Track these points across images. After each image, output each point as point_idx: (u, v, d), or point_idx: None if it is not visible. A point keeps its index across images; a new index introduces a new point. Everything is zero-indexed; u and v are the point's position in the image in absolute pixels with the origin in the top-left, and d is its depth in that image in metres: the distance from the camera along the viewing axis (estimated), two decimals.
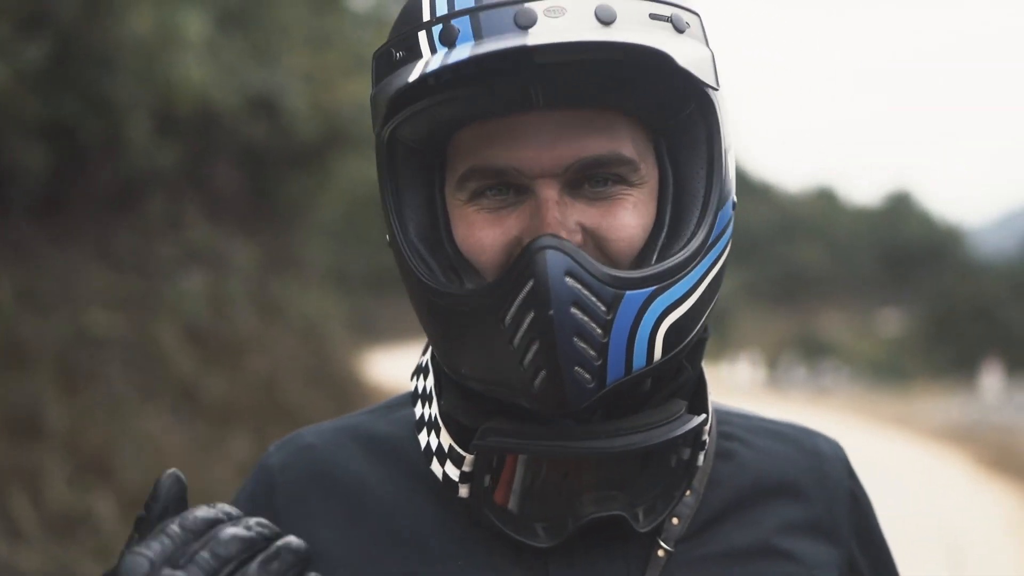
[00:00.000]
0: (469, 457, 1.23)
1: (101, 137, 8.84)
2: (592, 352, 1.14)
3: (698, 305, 1.22)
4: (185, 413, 8.29)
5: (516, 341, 1.14)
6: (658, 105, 1.22)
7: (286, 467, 1.36)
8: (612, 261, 1.20)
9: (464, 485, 1.24)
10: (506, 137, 1.19)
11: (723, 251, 1.25)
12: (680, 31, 1.19)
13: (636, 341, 1.16)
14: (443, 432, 1.27)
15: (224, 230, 10.56)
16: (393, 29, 1.25)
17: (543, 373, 1.13)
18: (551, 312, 1.11)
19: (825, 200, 77.94)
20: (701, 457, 1.28)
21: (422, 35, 1.18)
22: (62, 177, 8.78)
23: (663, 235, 1.22)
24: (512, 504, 1.24)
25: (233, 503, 1.34)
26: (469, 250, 1.22)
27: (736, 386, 34.56)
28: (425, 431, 1.30)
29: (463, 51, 1.13)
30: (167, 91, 9.24)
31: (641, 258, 1.21)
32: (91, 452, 7.11)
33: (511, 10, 1.15)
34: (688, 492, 1.31)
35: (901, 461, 17.39)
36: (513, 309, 1.14)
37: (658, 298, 1.17)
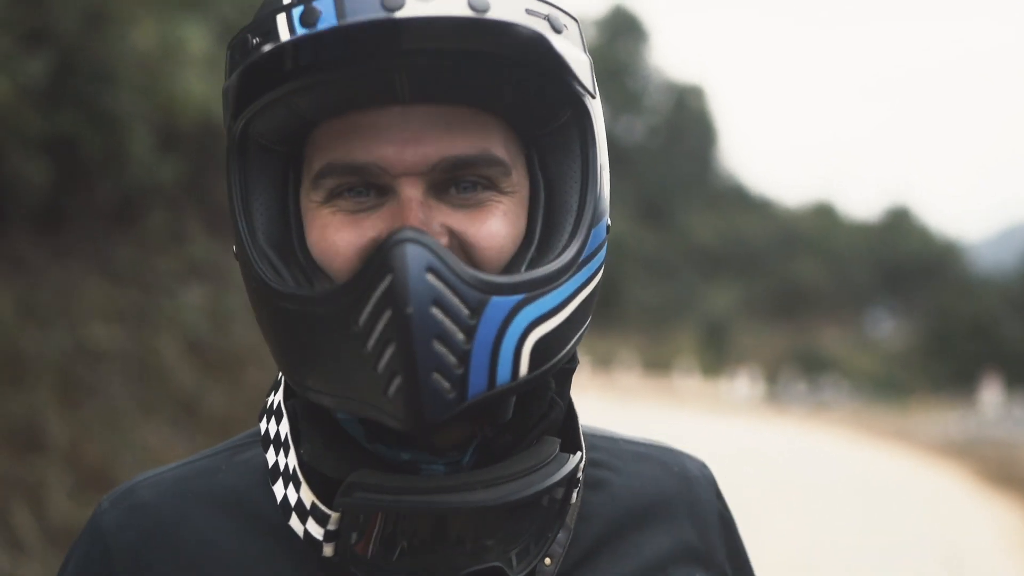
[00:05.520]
0: (334, 516, 1.13)
1: (102, 151, 8.86)
2: (453, 358, 1.03)
3: (568, 324, 1.12)
4: (185, 426, 8.29)
5: (370, 344, 1.03)
6: (532, 109, 1.14)
7: (121, 530, 1.22)
8: (478, 269, 1.10)
9: (329, 544, 1.14)
10: (367, 131, 1.10)
11: (596, 272, 1.16)
12: (557, 31, 1.12)
13: (501, 352, 1.06)
14: (304, 487, 1.16)
15: (224, 244, 10.55)
16: (253, 17, 1.15)
17: (398, 379, 1.02)
18: (410, 310, 1.01)
19: (824, 215, 77.92)
20: (575, 495, 1.21)
21: (281, 17, 1.08)
22: (63, 191, 8.80)
23: (533, 248, 1.14)
24: (375, 555, 1.13)
25: (65, 565, 1.26)
26: (322, 254, 1.12)
27: (735, 401, 34.53)
28: (281, 483, 1.19)
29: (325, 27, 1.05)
30: (168, 105, 9.27)
31: (509, 270, 1.12)
32: (92, 465, 7.12)
33: None
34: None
35: (900, 476, 17.38)
36: (368, 308, 1.03)
37: (526, 307, 1.07)
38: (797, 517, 12.54)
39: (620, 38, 76.72)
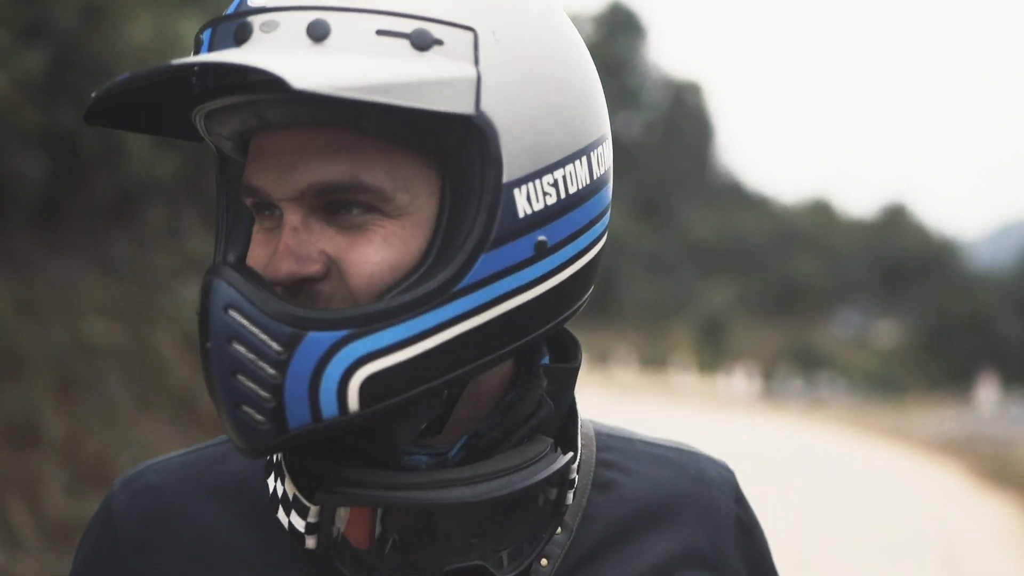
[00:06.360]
0: (314, 508, 1.14)
1: (100, 147, 8.85)
2: (263, 392, 1.04)
3: (430, 358, 1.07)
4: (182, 422, 8.29)
5: (208, 369, 1.09)
6: (411, 130, 1.08)
7: (128, 513, 1.27)
8: (353, 296, 1.09)
9: (311, 536, 1.15)
10: (258, 156, 1.12)
11: (495, 301, 1.10)
12: (422, 48, 1.06)
13: (322, 387, 1.05)
14: (287, 480, 1.18)
15: None
16: None
17: (220, 408, 1.07)
18: (208, 345, 1.05)
19: (821, 213, 78.02)
20: (570, 496, 1.20)
21: (195, 40, 1.13)
22: (60, 186, 8.80)
23: (417, 274, 1.09)
24: (372, 551, 1.15)
25: (83, 549, 1.31)
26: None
27: (732, 398, 34.57)
28: (273, 475, 1.22)
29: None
30: None
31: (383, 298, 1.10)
32: (89, 461, 7.12)
33: (237, 23, 1.08)
34: (559, 529, 1.22)
35: (896, 473, 17.40)
36: (200, 338, 1.08)
37: (353, 343, 1.05)
38: (793, 514, 12.55)
39: (618, 34, 76.74)
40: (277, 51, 1.05)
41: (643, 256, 62.90)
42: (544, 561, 1.21)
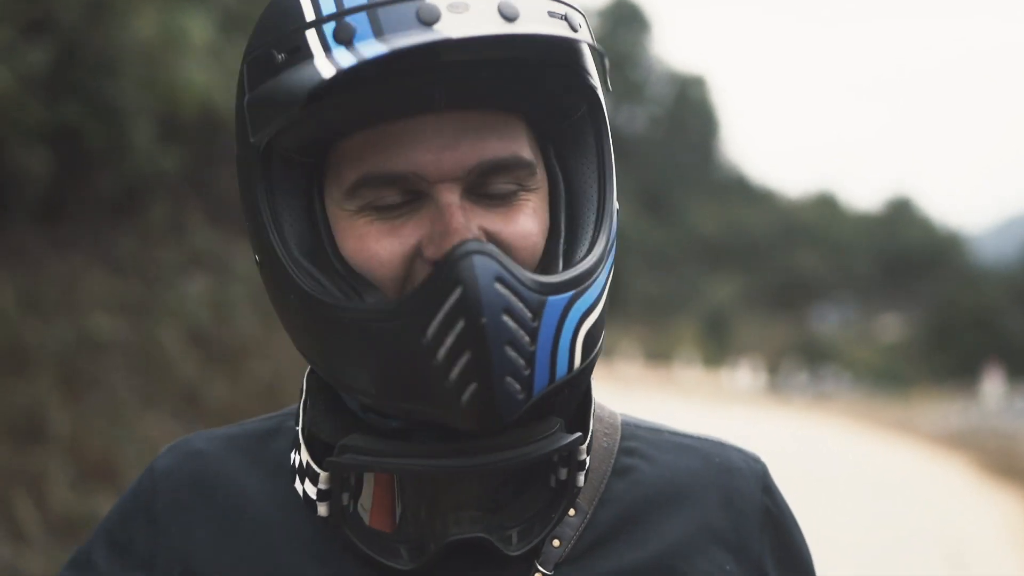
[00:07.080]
0: (323, 475, 1.18)
1: (104, 142, 8.86)
2: (522, 361, 1.08)
3: (604, 311, 1.19)
4: (187, 417, 8.29)
5: (441, 355, 1.07)
6: (552, 107, 1.19)
7: (171, 472, 1.31)
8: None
9: (323, 504, 1.19)
10: (403, 141, 1.13)
11: (613, 260, 1.22)
12: (574, 30, 1.14)
13: (559, 348, 1.12)
14: (303, 449, 1.22)
15: (226, 235, 10.56)
16: (265, 30, 1.16)
17: (473, 386, 1.07)
18: (484, 320, 1.05)
19: (826, 206, 77.94)
20: (581, 477, 1.22)
21: (311, 34, 1.10)
22: (65, 182, 8.80)
23: (562, 241, 1.18)
24: (389, 525, 1.20)
25: (119, 502, 1.34)
26: (363, 264, 1.14)
27: (737, 392, 34.57)
28: (294, 449, 1.26)
29: (370, 48, 1.05)
30: (170, 96, 9.26)
31: (543, 266, 1.17)
32: (94, 456, 7.12)
33: (412, 6, 1.08)
34: (573, 512, 1.24)
35: (902, 467, 17.40)
36: (438, 320, 1.07)
37: (576, 303, 1.13)
38: (798, 508, 12.51)
39: (622, 28, 76.67)
40: (479, 28, 1.08)
41: (647, 250, 62.88)
42: (556, 542, 1.22)
